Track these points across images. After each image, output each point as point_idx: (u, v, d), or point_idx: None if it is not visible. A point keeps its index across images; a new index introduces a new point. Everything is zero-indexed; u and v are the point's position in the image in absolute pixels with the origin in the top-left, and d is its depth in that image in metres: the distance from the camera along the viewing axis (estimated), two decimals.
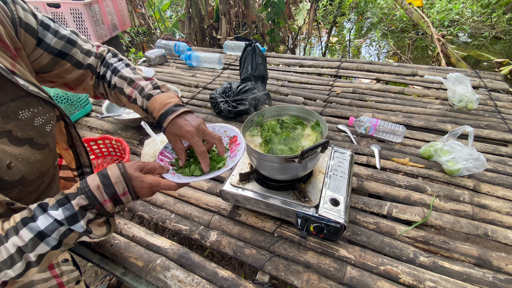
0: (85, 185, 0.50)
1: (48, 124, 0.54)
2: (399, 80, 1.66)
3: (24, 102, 0.49)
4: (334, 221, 0.71)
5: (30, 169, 0.50)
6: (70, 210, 0.47)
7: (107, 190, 0.50)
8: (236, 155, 0.64)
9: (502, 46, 3.77)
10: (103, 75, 0.66)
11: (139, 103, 0.63)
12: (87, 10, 2.07)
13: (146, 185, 0.54)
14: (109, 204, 0.51)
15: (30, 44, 0.53)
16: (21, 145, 0.49)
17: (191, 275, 0.72)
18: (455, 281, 0.69)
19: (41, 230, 0.45)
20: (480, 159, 0.93)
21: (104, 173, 0.52)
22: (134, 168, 0.54)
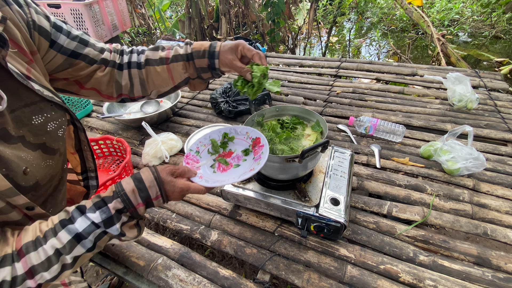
0: (120, 188, 0.51)
1: (60, 128, 0.54)
2: (399, 80, 1.67)
3: (38, 107, 0.49)
4: (334, 220, 0.71)
5: (43, 174, 0.51)
6: (107, 213, 0.48)
7: (141, 194, 0.52)
8: (261, 158, 0.64)
9: (502, 45, 3.77)
10: (129, 62, 0.66)
11: (182, 52, 0.65)
12: (87, 11, 2.07)
13: (178, 189, 0.55)
14: (142, 208, 0.52)
15: (44, 46, 0.53)
16: (34, 150, 0.49)
17: (192, 274, 0.73)
18: (454, 279, 0.69)
19: (79, 232, 0.46)
20: (480, 159, 0.93)
21: (138, 177, 0.53)
22: (166, 172, 0.56)
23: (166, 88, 0.70)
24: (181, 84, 0.70)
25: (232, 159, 0.70)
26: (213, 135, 0.74)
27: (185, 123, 1.38)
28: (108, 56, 0.64)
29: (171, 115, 1.44)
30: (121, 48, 0.68)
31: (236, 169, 0.67)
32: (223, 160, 0.70)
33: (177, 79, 0.68)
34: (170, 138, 1.17)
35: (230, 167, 0.68)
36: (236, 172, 0.66)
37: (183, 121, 1.40)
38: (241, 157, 0.70)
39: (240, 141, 0.73)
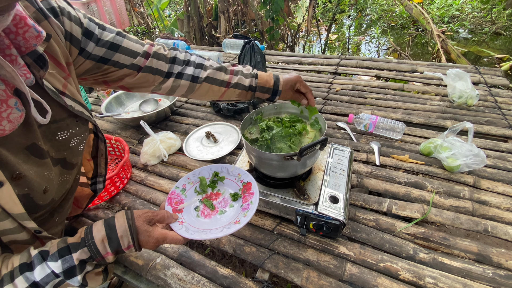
0: (90, 236, 0.48)
1: (82, 144, 0.54)
2: (399, 77, 1.66)
3: (65, 123, 0.49)
4: (333, 218, 0.70)
5: (60, 190, 0.50)
6: (69, 263, 0.46)
7: (111, 243, 0.49)
8: (249, 208, 0.61)
9: (502, 41, 3.75)
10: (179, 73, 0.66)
11: (247, 83, 0.70)
12: (85, 10, 2.06)
13: (153, 240, 0.52)
14: (111, 257, 0.50)
15: (74, 54, 0.52)
16: (54, 165, 0.48)
17: (191, 273, 0.73)
18: (455, 277, 0.69)
19: (37, 281, 0.44)
20: (480, 155, 0.92)
21: (111, 223, 0.50)
22: (143, 220, 0.53)
23: (207, 99, 0.74)
24: (225, 101, 0.75)
25: (219, 203, 0.68)
26: (203, 173, 0.72)
27: (183, 121, 1.38)
28: (141, 62, 0.61)
29: (170, 114, 1.44)
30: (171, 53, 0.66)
31: (222, 216, 0.65)
32: (209, 203, 0.68)
33: (226, 98, 0.72)
34: (168, 137, 1.17)
35: (215, 212, 0.66)
36: (220, 221, 0.63)
37: (181, 120, 1.39)
38: (229, 202, 0.68)
39: (231, 183, 0.71)
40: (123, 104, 1.45)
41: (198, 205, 0.68)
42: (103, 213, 0.92)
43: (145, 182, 1.04)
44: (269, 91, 0.72)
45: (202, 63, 0.69)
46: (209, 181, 0.73)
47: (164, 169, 1.09)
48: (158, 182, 1.02)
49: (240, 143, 1.16)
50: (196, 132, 1.27)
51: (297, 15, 4.51)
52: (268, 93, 0.72)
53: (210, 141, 1.20)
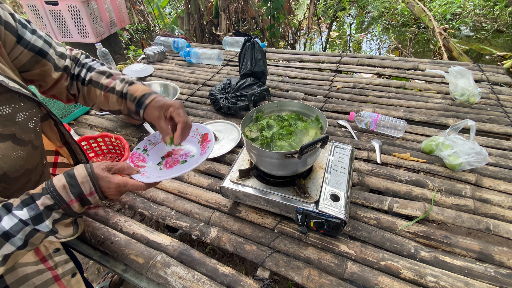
0: (50, 185, 0.49)
1: (31, 120, 0.54)
2: (400, 75, 1.65)
3: (4, 97, 0.49)
4: (334, 216, 0.70)
5: (12, 165, 0.50)
6: (35, 210, 0.47)
7: (73, 190, 0.50)
8: (206, 152, 0.65)
9: (504, 39, 3.73)
10: (77, 75, 0.67)
11: (119, 88, 0.65)
12: (85, 8, 2.05)
13: (113, 185, 0.54)
14: (76, 204, 0.51)
15: (10, 41, 0.53)
16: (3, 140, 0.49)
17: (191, 272, 0.72)
18: (456, 275, 0.68)
19: (6, 231, 0.44)
20: (482, 153, 0.92)
21: (71, 173, 0.52)
22: (102, 168, 0.54)
23: (104, 108, 0.70)
24: (115, 112, 0.70)
25: (180, 156, 0.71)
26: None
27: None
28: (69, 63, 0.65)
29: None
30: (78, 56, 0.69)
31: (183, 165, 0.68)
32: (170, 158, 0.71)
33: (112, 107, 0.69)
34: None
35: (177, 163, 0.69)
36: (181, 168, 0.66)
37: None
38: (189, 153, 0.71)
39: (190, 138, 0.74)
40: None
41: (161, 161, 0.71)
42: (103, 211, 0.92)
43: None
44: (134, 100, 0.65)
45: (92, 66, 0.68)
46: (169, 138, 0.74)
47: None
48: None
49: (241, 141, 1.16)
50: None
51: (298, 12, 4.49)
52: (134, 103, 0.65)
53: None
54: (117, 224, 0.87)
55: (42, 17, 2.13)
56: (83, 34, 2.19)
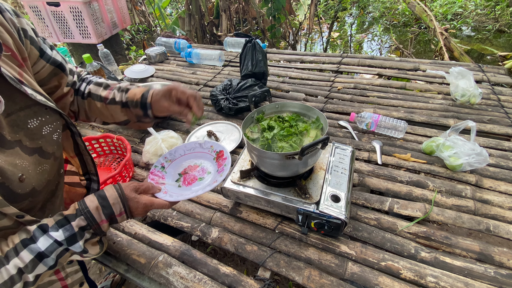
0: (84, 206, 0.52)
1: (55, 132, 0.55)
2: (401, 75, 1.65)
3: (32, 111, 0.50)
4: (335, 217, 0.71)
5: (39, 179, 0.51)
6: (70, 231, 0.49)
7: (105, 211, 0.53)
8: (223, 170, 0.68)
9: (506, 39, 3.72)
10: (77, 89, 0.68)
11: (118, 99, 0.66)
12: (86, 8, 2.06)
13: (141, 206, 0.57)
14: (106, 224, 0.54)
15: (34, 55, 0.54)
16: (31, 154, 0.49)
17: (193, 272, 0.73)
18: (456, 276, 0.69)
19: (42, 251, 0.46)
20: (483, 154, 0.92)
21: (102, 194, 0.54)
22: (130, 189, 0.57)
23: (108, 121, 0.71)
24: (122, 123, 0.70)
25: (198, 173, 0.74)
26: (179, 151, 0.78)
27: None
28: (76, 79, 0.67)
29: None
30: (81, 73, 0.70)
31: (201, 182, 0.71)
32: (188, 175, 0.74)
33: (117, 119, 0.69)
34: (170, 135, 1.17)
35: (195, 180, 0.72)
36: (200, 185, 0.69)
37: (183, 118, 1.39)
38: (206, 170, 0.74)
39: (205, 155, 0.78)
40: None
41: (179, 177, 0.74)
42: None
43: None
44: (137, 104, 0.64)
45: (90, 79, 0.69)
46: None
47: None
48: None
49: (242, 142, 1.16)
50: (198, 131, 1.27)
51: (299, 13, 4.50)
52: (138, 107, 0.65)
53: (211, 140, 1.20)
54: (119, 225, 0.88)
55: (44, 18, 2.14)
56: (84, 35, 2.20)
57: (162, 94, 0.64)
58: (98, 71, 1.38)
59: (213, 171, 0.72)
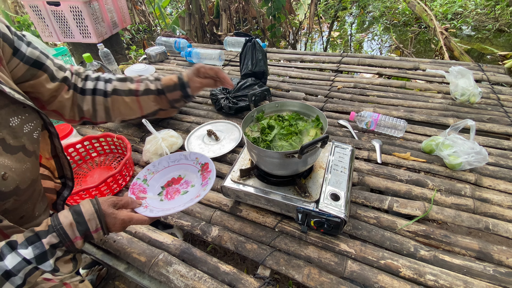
0: (57, 222, 0.49)
1: (35, 131, 0.54)
2: (401, 75, 1.65)
3: (11, 109, 0.49)
4: (334, 215, 0.71)
5: (23, 178, 0.50)
6: (40, 249, 0.46)
7: (80, 227, 0.50)
8: (207, 184, 0.67)
9: (506, 38, 3.72)
10: (93, 89, 0.65)
11: (153, 87, 0.67)
12: (86, 8, 2.06)
13: (119, 222, 0.55)
14: (80, 241, 0.51)
15: (7, 53, 0.52)
16: (15, 153, 0.49)
17: (193, 270, 0.73)
18: (455, 274, 0.69)
19: (9, 270, 0.44)
20: (482, 153, 0.92)
21: (77, 210, 0.52)
22: (108, 204, 0.55)
23: (132, 116, 0.70)
24: (150, 114, 0.71)
25: (181, 186, 0.72)
26: (163, 163, 0.76)
27: (185, 119, 1.38)
28: (70, 76, 0.63)
29: None
30: (85, 72, 0.68)
31: (184, 195, 0.69)
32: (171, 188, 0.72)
33: (146, 110, 0.69)
34: (170, 135, 1.17)
35: (178, 193, 0.70)
36: (183, 199, 0.67)
37: (183, 118, 1.40)
38: (190, 183, 0.72)
39: (190, 167, 0.75)
40: None
41: (161, 191, 0.72)
42: None
43: None
44: (176, 87, 0.68)
45: (109, 77, 0.69)
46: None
47: None
48: None
49: (242, 141, 1.16)
50: (198, 130, 1.27)
51: (299, 12, 4.50)
52: (177, 89, 0.69)
53: (211, 139, 1.21)
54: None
55: (44, 18, 2.14)
56: (85, 34, 2.20)
57: (193, 73, 0.69)
58: (98, 70, 1.39)
59: (197, 184, 0.71)
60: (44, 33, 2.26)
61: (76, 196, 0.89)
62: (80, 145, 1.09)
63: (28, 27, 3.92)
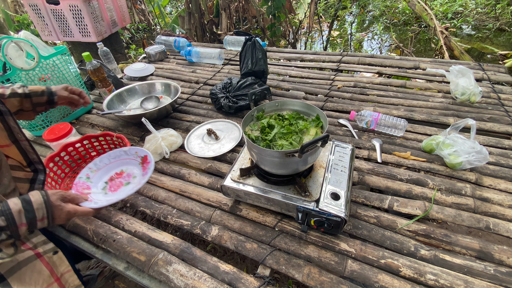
0: (6, 208, 0.53)
1: None
2: (401, 74, 1.65)
3: None
4: (334, 215, 0.71)
5: None
6: None
7: (27, 214, 0.55)
8: (147, 173, 0.75)
9: (506, 38, 3.71)
10: None
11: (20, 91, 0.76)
12: (86, 7, 2.06)
13: (65, 213, 0.61)
14: (24, 228, 0.55)
15: None
16: None
17: (193, 269, 0.73)
18: (456, 274, 0.69)
19: None
20: (483, 152, 0.92)
21: (27, 199, 0.56)
22: (57, 197, 0.60)
23: None
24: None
25: (123, 178, 0.79)
26: (104, 160, 0.83)
27: (185, 119, 1.38)
28: None
29: (171, 111, 1.44)
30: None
31: (127, 186, 0.76)
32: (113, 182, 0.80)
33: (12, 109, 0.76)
34: (170, 134, 1.17)
35: (121, 186, 0.77)
36: (126, 190, 0.75)
37: (183, 117, 1.39)
38: (132, 175, 0.80)
39: (131, 161, 0.83)
40: (124, 101, 1.45)
41: (104, 186, 0.79)
42: (105, 210, 0.93)
43: None
44: (44, 93, 0.80)
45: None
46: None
47: (166, 166, 1.09)
48: (160, 179, 1.03)
49: (242, 140, 1.16)
50: (198, 129, 1.27)
51: (299, 11, 4.49)
52: (44, 95, 0.80)
53: (211, 138, 1.20)
54: (119, 223, 0.88)
55: (43, 16, 2.14)
56: (84, 33, 2.19)
57: (62, 87, 0.84)
58: (98, 69, 1.38)
59: (139, 175, 0.78)
60: (44, 32, 2.25)
61: None
62: (79, 144, 1.08)
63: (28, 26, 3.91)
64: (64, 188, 1.01)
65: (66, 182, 1.04)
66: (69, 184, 1.04)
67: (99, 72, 1.39)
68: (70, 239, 0.86)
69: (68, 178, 1.06)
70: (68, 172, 1.07)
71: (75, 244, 0.85)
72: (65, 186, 1.02)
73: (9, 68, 1.14)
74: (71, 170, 1.08)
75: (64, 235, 0.87)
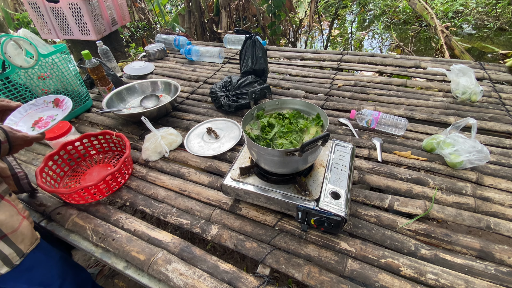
0: None
1: None
2: (402, 73, 1.64)
3: None
4: (334, 214, 0.70)
5: None
6: None
7: None
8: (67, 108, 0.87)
9: (507, 37, 3.71)
10: None
11: None
12: (85, 5, 2.05)
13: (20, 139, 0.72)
14: None
15: None
16: None
17: (192, 268, 0.73)
18: (456, 273, 0.69)
19: None
20: (483, 151, 0.92)
21: None
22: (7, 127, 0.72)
23: None
24: None
25: (47, 120, 0.88)
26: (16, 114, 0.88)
27: (184, 117, 1.37)
28: None
29: (171, 110, 1.43)
30: None
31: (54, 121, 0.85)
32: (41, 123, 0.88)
33: None
34: (169, 133, 1.17)
35: (48, 124, 0.85)
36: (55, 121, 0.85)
37: (183, 115, 1.39)
38: (53, 116, 0.89)
39: (44, 108, 0.92)
40: (124, 100, 1.44)
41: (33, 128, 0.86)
42: (105, 209, 0.92)
43: (146, 178, 1.04)
44: None
45: None
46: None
47: (166, 165, 1.09)
48: (160, 178, 1.02)
49: (242, 139, 1.16)
50: (197, 128, 1.27)
51: (299, 10, 4.48)
52: None
53: (211, 137, 1.20)
54: (118, 221, 0.88)
55: (43, 15, 2.13)
56: (84, 31, 2.19)
57: None
58: (97, 67, 1.38)
59: (60, 112, 0.88)
60: (43, 30, 2.24)
61: (75, 195, 0.89)
62: (78, 142, 1.08)
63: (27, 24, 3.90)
64: (64, 188, 1.01)
65: (65, 181, 1.04)
66: (68, 183, 1.03)
67: (98, 70, 1.39)
68: (69, 238, 0.86)
69: (68, 177, 1.05)
70: (68, 171, 1.07)
71: (75, 243, 0.85)
72: (65, 185, 1.02)
73: (8, 66, 1.14)
74: (70, 169, 1.08)
75: (63, 234, 0.87)
